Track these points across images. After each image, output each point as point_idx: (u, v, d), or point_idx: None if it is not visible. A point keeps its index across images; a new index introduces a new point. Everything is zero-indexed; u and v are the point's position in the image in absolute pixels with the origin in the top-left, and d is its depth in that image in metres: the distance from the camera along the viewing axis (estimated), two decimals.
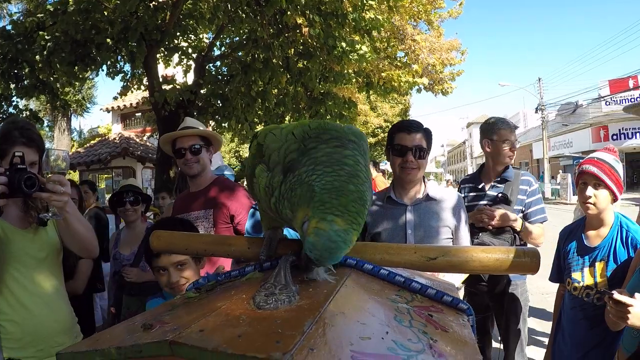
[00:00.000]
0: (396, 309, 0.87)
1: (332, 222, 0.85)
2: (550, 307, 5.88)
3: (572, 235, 2.78)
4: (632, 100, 27.94)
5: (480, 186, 3.34)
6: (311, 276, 0.93)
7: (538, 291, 6.48)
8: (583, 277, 2.59)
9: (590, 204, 2.54)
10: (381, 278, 1.02)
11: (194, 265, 2.15)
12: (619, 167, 2.56)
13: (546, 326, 5.63)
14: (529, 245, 3.06)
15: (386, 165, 11.67)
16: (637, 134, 28.38)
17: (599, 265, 2.53)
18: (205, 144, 3.08)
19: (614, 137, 28.61)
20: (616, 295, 1.93)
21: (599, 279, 2.52)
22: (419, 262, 1.09)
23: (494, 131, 3.30)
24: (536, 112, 32.97)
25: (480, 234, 3.03)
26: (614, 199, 2.56)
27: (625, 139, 28.50)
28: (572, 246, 2.71)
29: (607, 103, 29.07)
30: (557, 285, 2.92)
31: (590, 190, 2.53)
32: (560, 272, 2.81)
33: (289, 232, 1.42)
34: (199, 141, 3.04)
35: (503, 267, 1.08)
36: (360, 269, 1.03)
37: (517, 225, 3.04)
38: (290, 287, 0.81)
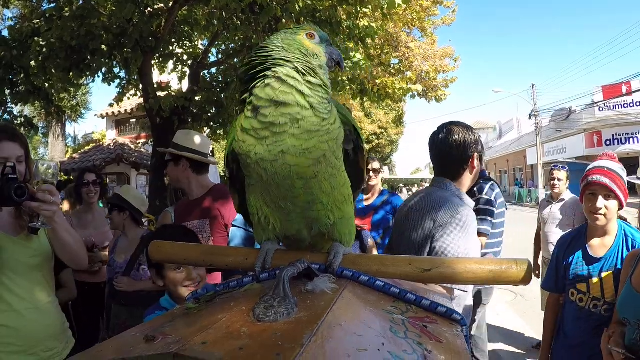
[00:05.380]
0: (392, 320, 0.89)
1: None
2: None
3: (574, 245, 2.70)
4: (626, 105, 28.12)
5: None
6: (309, 288, 0.95)
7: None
8: (589, 287, 2.53)
9: (601, 215, 2.49)
10: (377, 289, 1.04)
11: None
12: (625, 175, 2.51)
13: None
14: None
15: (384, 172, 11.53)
16: (631, 139, 28.50)
17: (605, 276, 2.47)
18: (173, 158, 3.13)
19: (608, 142, 28.72)
20: None
21: (606, 290, 2.46)
22: (414, 273, 1.11)
23: None
24: (530, 118, 33.05)
25: None
26: (621, 207, 2.52)
27: (618, 144, 28.59)
28: (577, 256, 2.64)
29: (601, 109, 29.20)
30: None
31: (601, 202, 2.47)
32: (558, 283, 2.74)
33: None
34: (168, 157, 3.15)
35: (496, 279, 1.10)
36: (356, 281, 1.06)
37: None
38: (289, 300, 0.83)
